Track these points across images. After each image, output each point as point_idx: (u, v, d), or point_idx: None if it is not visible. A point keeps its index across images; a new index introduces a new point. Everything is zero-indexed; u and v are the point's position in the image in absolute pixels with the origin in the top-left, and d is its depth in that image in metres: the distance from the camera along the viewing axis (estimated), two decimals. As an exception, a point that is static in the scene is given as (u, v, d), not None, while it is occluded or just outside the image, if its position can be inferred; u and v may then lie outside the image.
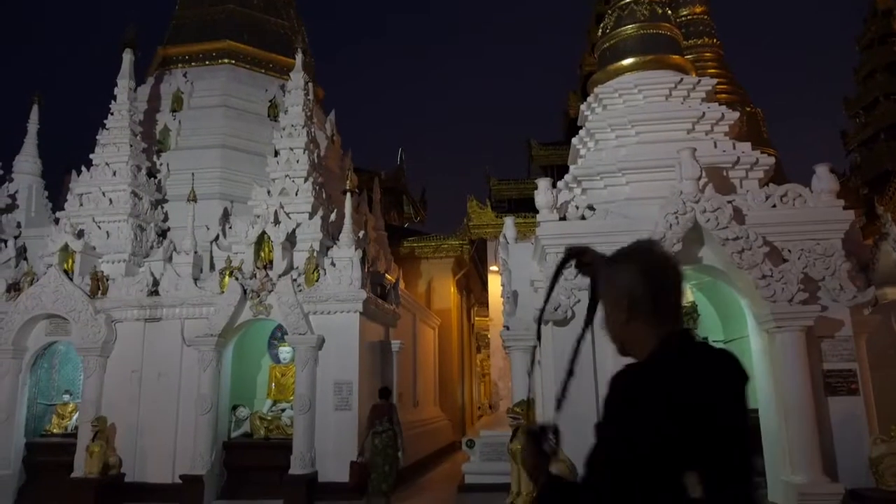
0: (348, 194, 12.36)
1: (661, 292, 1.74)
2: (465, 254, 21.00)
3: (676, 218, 7.84)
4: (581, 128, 10.28)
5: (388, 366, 12.98)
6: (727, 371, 1.64)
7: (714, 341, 10.52)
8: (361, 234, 12.63)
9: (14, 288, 12.04)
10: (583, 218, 8.53)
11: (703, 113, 9.26)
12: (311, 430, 10.77)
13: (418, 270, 20.80)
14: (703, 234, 8.00)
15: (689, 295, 10.37)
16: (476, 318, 27.04)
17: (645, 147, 9.05)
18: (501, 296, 10.74)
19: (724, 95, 16.95)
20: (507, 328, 9.75)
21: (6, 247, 13.20)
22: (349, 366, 11.06)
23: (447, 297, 21.03)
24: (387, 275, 14.52)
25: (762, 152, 9.24)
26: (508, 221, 10.71)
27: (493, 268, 19.01)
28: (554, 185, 9.05)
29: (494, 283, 18.76)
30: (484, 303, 25.19)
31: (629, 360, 1.82)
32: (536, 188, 8.90)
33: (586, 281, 2.00)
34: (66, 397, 12.36)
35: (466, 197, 20.02)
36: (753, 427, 8.21)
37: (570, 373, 1.88)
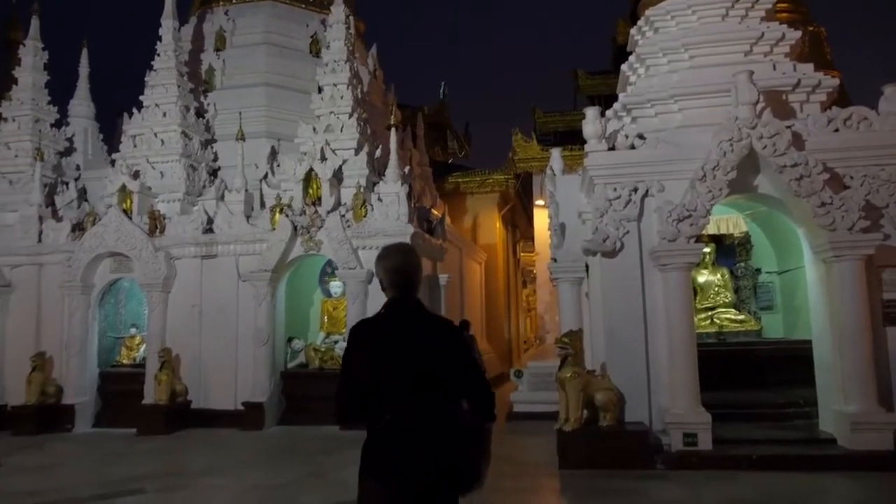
0: (393, 129, 12.32)
1: (391, 277, 2.79)
2: (510, 188, 20.83)
3: (731, 145, 7.59)
4: (630, 54, 9.90)
5: (435, 300, 13.20)
6: (389, 321, 2.74)
7: (767, 272, 10.34)
8: (407, 169, 12.64)
9: (78, 228, 12.57)
10: (632, 147, 8.32)
11: (762, 33, 8.78)
12: (364, 360, 11.11)
13: (463, 206, 20.78)
14: (760, 161, 7.74)
15: (742, 225, 10.15)
16: (522, 254, 27.05)
17: (699, 71, 8.69)
18: (549, 229, 10.70)
19: (784, 14, 15.97)
20: (555, 260, 9.75)
21: (68, 189, 13.73)
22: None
23: (493, 233, 21.04)
24: (433, 210, 14.58)
25: (825, 74, 8.77)
26: (555, 153, 10.54)
27: (539, 202, 18.84)
28: (602, 115, 8.82)
29: (540, 218, 18.64)
30: (530, 237, 25.11)
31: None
32: (583, 119, 8.69)
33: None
34: (133, 330, 13.05)
35: (511, 131, 19.70)
36: (800, 357, 8.12)
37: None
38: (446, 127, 26.77)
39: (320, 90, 12.79)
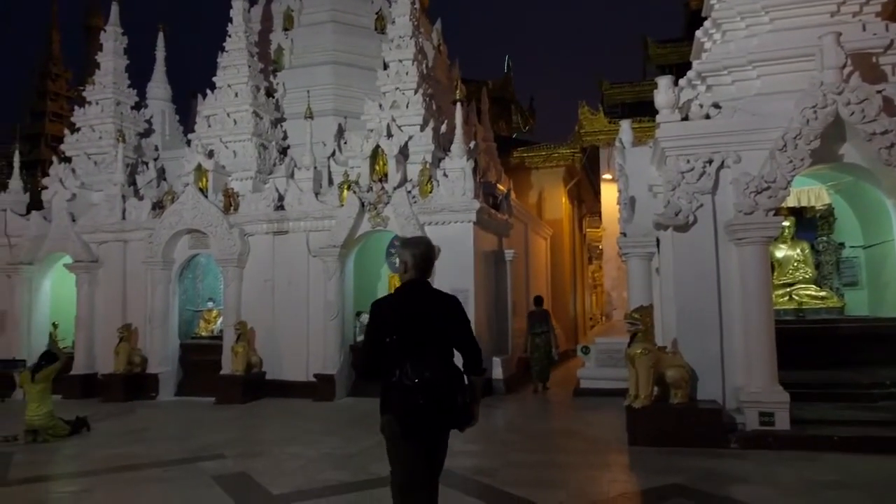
0: (458, 104, 12.27)
1: (417, 262, 3.60)
2: (576, 162, 20.47)
3: (815, 112, 7.19)
4: (705, 19, 9.46)
5: (501, 275, 13.19)
6: (408, 295, 3.58)
7: (852, 246, 9.85)
8: (472, 144, 12.59)
9: (158, 206, 13.17)
10: (707, 117, 8.00)
11: (851, -9, 8.23)
12: (431, 335, 11.26)
13: (528, 181, 20.57)
14: (846, 128, 7.31)
15: (824, 197, 9.66)
16: (588, 229, 26.62)
17: (780, 35, 8.23)
18: (617, 203, 10.47)
19: (874, -29, 14.90)
20: (624, 235, 9.54)
21: (148, 168, 14.36)
22: (465, 274, 11.34)
23: (558, 208, 20.76)
24: (498, 185, 14.50)
25: (921, 33, 8.15)
26: (625, 125, 10.26)
27: (607, 176, 18.44)
28: (675, 84, 8.50)
29: (607, 192, 18.25)
30: (596, 213, 24.64)
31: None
32: (653, 90, 8.40)
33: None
34: (210, 304, 13.64)
35: (577, 103, 19.28)
36: (888, 335, 8.08)
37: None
38: (511, 101, 26.45)
39: (386, 66, 12.85)
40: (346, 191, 11.95)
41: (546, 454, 7.34)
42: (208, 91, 13.97)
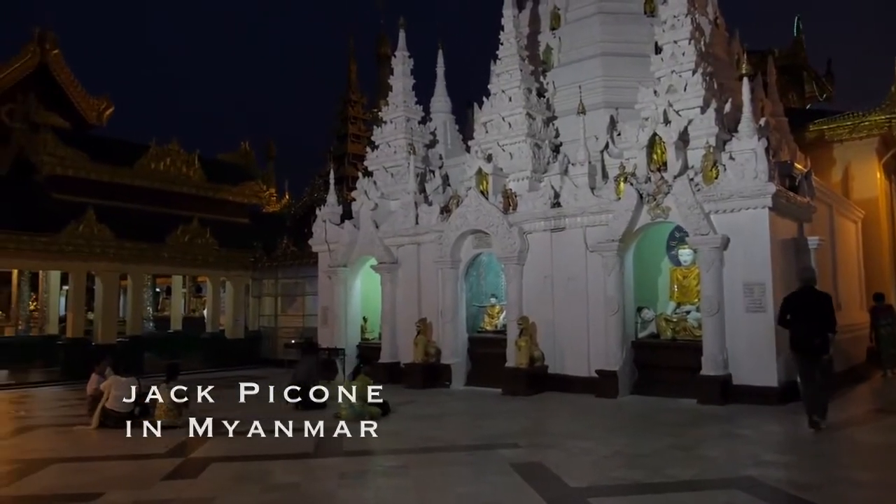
0: (745, 80, 11.17)
1: (806, 281, 8.56)
2: (893, 129, 17.32)
3: None
4: None
5: (803, 265, 11.68)
6: (800, 293, 8.45)
7: None
8: (762, 122, 11.39)
9: (445, 210, 14.30)
10: None
11: None
12: (721, 332, 10.48)
13: (830, 156, 17.98)
14: None
15: None
16: (912, 207, 22.31)
17: None
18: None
19: None
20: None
21: (434, 176, 15.70)
22: (759, 266, 10.33)
23: (871, 185, 17.78)
24: (795, 165, 12.92)
25: None
26: (971, 77, 8.35)
27: (939, 141, 15.27)
28: None
29: (941, 161, 15.11)
30: (923, 187, 20.56)
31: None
32: None
33: None
34: (493, 300, 14.42)
35: (894, 59, 16.27)
36: None
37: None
38: (802, 68, 23.39)
39: (659, 50, 12.24)
40: (622, 183, 11.67)
41: (882, 472, 6.31)
42: (484, 99, 14.76)
